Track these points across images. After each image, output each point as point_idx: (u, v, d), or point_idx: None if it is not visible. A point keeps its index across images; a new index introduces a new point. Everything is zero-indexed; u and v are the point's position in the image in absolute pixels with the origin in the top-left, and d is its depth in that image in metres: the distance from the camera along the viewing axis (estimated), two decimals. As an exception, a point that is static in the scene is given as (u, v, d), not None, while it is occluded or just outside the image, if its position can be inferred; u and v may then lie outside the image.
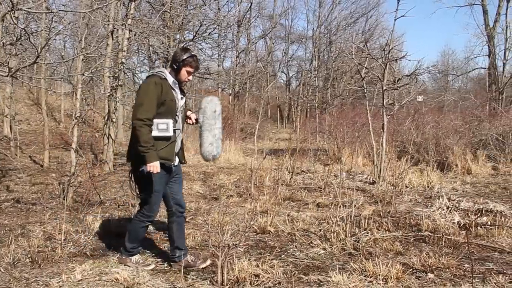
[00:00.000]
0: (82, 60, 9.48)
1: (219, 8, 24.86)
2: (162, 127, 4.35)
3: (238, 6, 29.60)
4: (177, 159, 4.62)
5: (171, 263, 4.72)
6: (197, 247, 5.31)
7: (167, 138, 4.40)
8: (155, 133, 4.30)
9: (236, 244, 4.09)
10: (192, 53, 4.52)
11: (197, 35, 19.97)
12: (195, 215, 6.91)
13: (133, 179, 4.61)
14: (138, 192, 4.58)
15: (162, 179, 4.42)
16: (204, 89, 31.59)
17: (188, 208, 7.37)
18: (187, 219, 6.65)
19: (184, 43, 20.28)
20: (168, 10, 15.23)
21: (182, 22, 18.77)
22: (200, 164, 12.71)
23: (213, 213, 6.85)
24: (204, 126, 4.59)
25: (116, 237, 5.62)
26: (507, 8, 22.88)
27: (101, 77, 11.30)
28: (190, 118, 4.80)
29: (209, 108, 4.60)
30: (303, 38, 37.67)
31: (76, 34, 12.88)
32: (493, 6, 22.32)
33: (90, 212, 6.63)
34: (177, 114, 4.53)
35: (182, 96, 4.58)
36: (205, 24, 19.96)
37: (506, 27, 22.80)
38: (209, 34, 20.95)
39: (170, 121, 4.41)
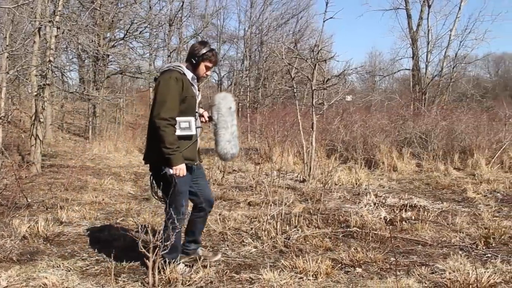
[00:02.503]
0: (7, 57, 9.16)
1: (150, 7, 24.49)
2: (184, 125, 4.17)
3: (170, 5, 29.25)
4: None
5: (184, 255, 4.61)
6: (128, 249, 5.24)
7: (189, 137, 4.24)
8: (177, 132, 4.12)
9: (167, 245, 4.06)
10: (211, 47, 4.34)
11: (128, 33, 19.66)
12: (125, 216, 6.82)
13: (154, 182, 4.41)
14: (161, 196, 4.38)
15: (186, 179, 4.24)
16: (136, 88, 31.14)
17: (119, 209, 7.28)
18: (117, 220, 6.57)
19: (115, 41, 19.93)
20: (98, 8, 14.91)
21: (112, 20, 18.43)
22: (131, 164, 12.53)
23: (144, 214, 6.78)
24: (219, 123, 4.39)
25: (45, 241, 5.48)
26: (428, 13, 23.79)
27: (27, 75, 10.94)
28: (202, 116, 4.56)
29: (223, 105, 4.40)
30: (235, 38, 37.73)
31: (1, 31, 12.40)
32: (416, 11, 23.29)
33: (17, 215, 6.41)
34: (197, 111, 4.38)
35: (198, 92, 4.42)
36: (136, 23, 19.68)
37: (428, 31, 23.71)
38: (140, 33, 20.66)
39: (192, 119, 4.25)
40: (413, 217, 6.84)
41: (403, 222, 6.53)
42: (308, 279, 4.37)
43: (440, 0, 50.16)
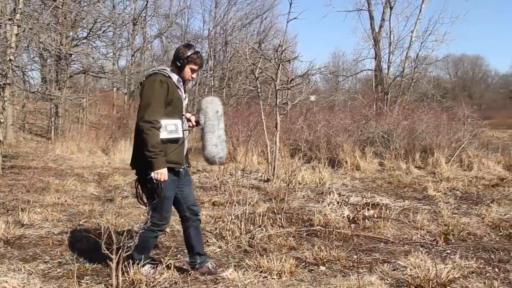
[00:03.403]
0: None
1: (114, 6, 24.20)
2: (171, 128, 4.11)
3: (134, 4, 29.06)
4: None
5: (192, 271, 4.51)
6: (92, 251, 5.19)
7: (176, 140, 4.18)
8: (164, 135, 4.06)
9: (131, 246, 4.03)
10: (196, 50, 4.30)
11: (91, 32, 19.39)
12: (88, 218, 6.74)
13: (139, 187, 4.31)
14: (145, 201, 4.30)
15: (172, 184, 4.19)
16: (99, 88, 30.73)
17: (82, 210, 7.19)
18: (80, 222, 6.49)
19: (78, 40, 19.63)
20: (60, 6, 14.64)
21: (75, 19, 18.14)
22: (94, 165, 12.38)
23: (107, 215, 6.71)
24: (206, 127, 4.36)
25: (5, 244, 5.37)
26: (390, 15, 24.17)
27: (-14, 74, 10.69)
28: (189, 121, 4.51)
29: (210, 109, 4.38)
30: (199, 38, 37.60)
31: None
32: (378, 12, 23.65)
33: (-25, 218, 6.28)
34: (184, 114, 4.33)
35: (185, 95, 4.38)
36: (100, 22, 19.41)
37: (390, 32, 24.08)
38: (103, 32, 20.41)
39: (179, 122, 4.20)
40: (375, 215, 6.96)
41: (366, 220, 6.64)
42: (273, 278, 4.40)
43: (402, 2, 51.09)
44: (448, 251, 5.36)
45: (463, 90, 61.80)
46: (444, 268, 4.45)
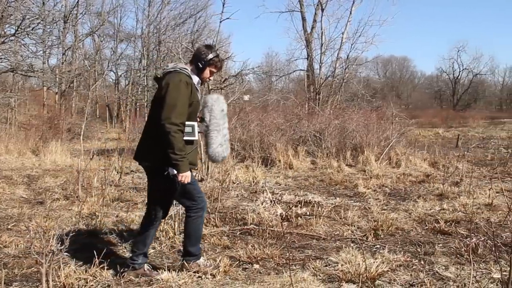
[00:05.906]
0: None
1: (43, 2, 23.48)
2: (188, 130, 4.08)
3: (64, 1, 28.32)
4: None
5: (129, 269, 4.42)
6: (20, 255, 5.04)
7: (191, 142, 4.16)
8: None
9: (61, 249, 3.94)
10: (217, 52, 4.28)
11: (19, 29, 18.74)
12: (17, 221, 6.53)
13: (153, 184, 4.35)
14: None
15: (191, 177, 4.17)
16: (28, 87, 29.75)
17: (10, 214, 6.96)
18: (9, 226, 6.28)
19: (5, 37, 18.92)
20: (-15, 1, 14.08)
21: (2, 15, 17.48)
22: (23, 167, 11.97)
23: (37, 218, 6.52)
24: (212, 125, 4.32)
25: None
26: (322, 16, 24.57)
27: None
28: None
29: (216, 107, 4.35)
30: (132, 37, 37.14)
31: None
32: (310, 14, 23.96)
33: None
34: (198, 116, 4.29)
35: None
36: (29, 18, 18.80)
37: (322, 33, 24.47)
38: (32, 29, 19.78)
39: (195, 124, 4.18)
40: (308, 213, 7.09)
41: (299, 218, 6.75)
42: (207, 278, 4.41)
43: (333, 4, 52.04)
44: (378, 246, 5.54)
45: (391, 90, 63.92)
46: (374, 262, 4.60)
